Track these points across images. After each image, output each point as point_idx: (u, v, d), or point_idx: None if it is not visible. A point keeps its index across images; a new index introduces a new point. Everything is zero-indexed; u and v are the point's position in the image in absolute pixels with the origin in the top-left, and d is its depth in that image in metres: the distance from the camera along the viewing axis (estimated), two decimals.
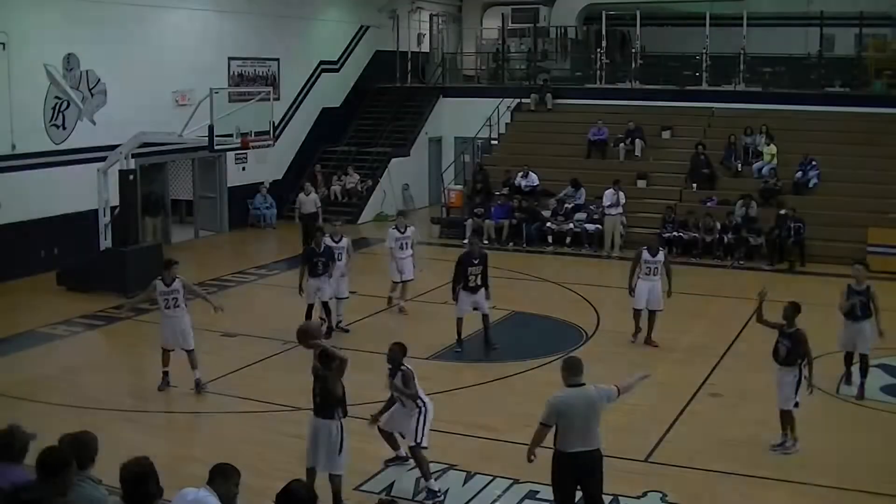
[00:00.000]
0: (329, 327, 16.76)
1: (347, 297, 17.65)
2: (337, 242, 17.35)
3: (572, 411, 9.09)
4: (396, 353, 11.20)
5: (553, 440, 9.24)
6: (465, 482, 11.16)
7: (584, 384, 9.21)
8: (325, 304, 16.88)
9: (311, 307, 16.80)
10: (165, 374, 14.44)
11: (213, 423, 13.12)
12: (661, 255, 16.97)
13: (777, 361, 12.18)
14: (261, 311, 19.31)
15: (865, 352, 14.36)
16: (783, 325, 12.23)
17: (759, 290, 12.76)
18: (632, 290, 16.80)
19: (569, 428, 9.10)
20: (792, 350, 12.04)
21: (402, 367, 11.11)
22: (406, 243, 18.78)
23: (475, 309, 16.48)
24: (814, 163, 26.08)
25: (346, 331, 17.35)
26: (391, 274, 18.84)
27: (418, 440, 10.84)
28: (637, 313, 16.84)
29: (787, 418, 12.04)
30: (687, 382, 14.73)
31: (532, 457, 9.35)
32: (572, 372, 9.26)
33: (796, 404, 11.92)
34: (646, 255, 16.79)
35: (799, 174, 26.05)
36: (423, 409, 10.97)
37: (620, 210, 25.21)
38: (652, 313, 16.77)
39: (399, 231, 18.80)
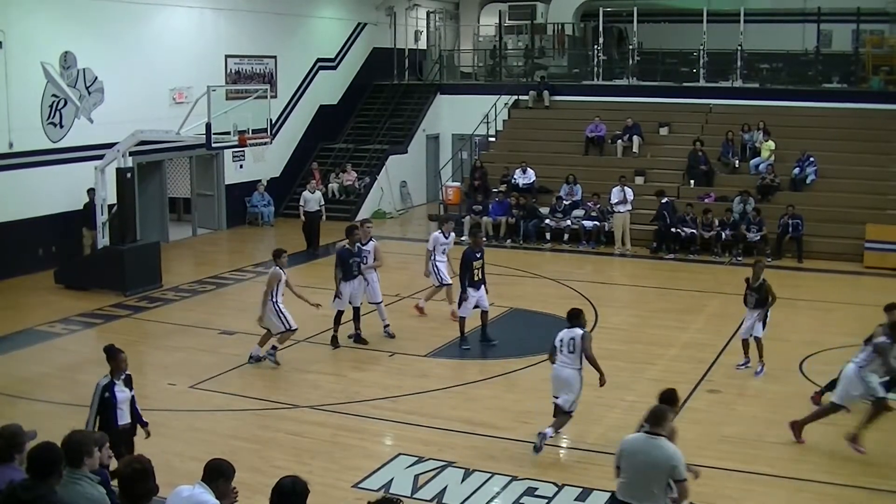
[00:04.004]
0: (357, 334, 16.59)
1: (381, 301, 17.17)
2: (364, 245, 16.78)
3: (631, 460, 8.31)
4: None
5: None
6: (463, 479, 11.14)
7: (656, 435, 8.23)
8: (356, 310, 16.48)
9: (341, 314, 16.44)
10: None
11: (210, 420, 13.11)
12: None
13: (747, 307, 15.04)
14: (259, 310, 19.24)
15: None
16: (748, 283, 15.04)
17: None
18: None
19: (623, 475, 8.40)
20: (759, 300, 14.87)
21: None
22: (447, 249, 18.30)
23: (475, 307, 16.45)
24: (811, 159, 26.08)
25: (392, 336, 16.94)
26: (433, 279, 18.27)
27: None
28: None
29: (746, 346, 15.05)
30: (685, 379, 14.72)
31: None
32: (648, 418, 8.38)
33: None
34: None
35: (796, 170, 26.05)
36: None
37: (629, 207, 25.20)
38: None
39: (444, 236, 18.26)
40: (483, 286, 16.45)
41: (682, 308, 19.49)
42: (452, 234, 18.69)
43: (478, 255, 16.38)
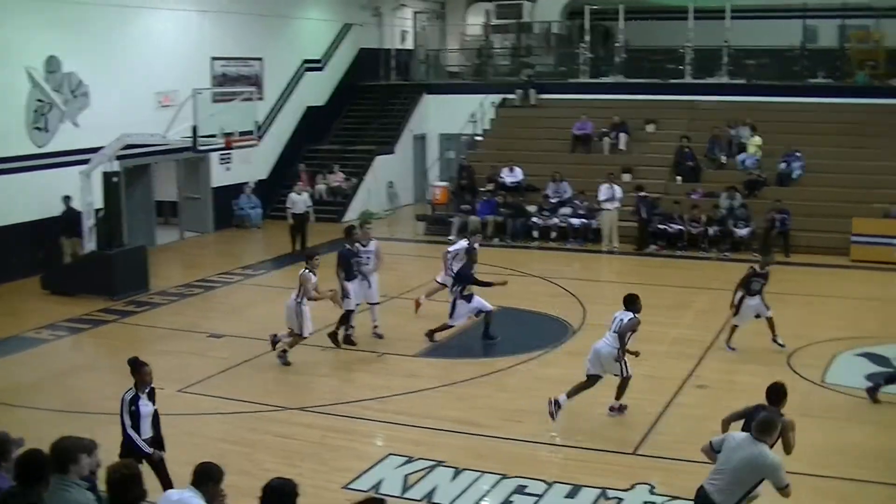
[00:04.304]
0: (347, 336, 16.50)
1: (379, 303, 17.16)
2: (365, 246, 16.71)
3: (726, 453, 8.48)
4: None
5: None
6: (453, 478, 11.14)
7: (759, 441, 8.30)
8: (349, 311, 16.34)
9: (350, 314, 16.36)
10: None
11: (199, 423, 13.08)
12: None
13: (748, 294, 15.75)
14: (247, 312, 19.25)
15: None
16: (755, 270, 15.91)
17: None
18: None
19: (718, 464, 8.58)
20: (763, 285, 15.79)
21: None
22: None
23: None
24: (798, 154, 26.17)
25: (381, 336, 16.86)
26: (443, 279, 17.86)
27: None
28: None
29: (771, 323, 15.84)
30: (673, 375, 14.76)
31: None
32: (755, 426, 8.45)
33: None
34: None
35: (783, 165, 26.13)
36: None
37: (617, 204, 25.22)
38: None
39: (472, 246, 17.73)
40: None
41: (671, 304, 19.48)
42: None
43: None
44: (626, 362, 12.76)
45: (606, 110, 29.46)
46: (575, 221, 25.75)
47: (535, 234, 26.03)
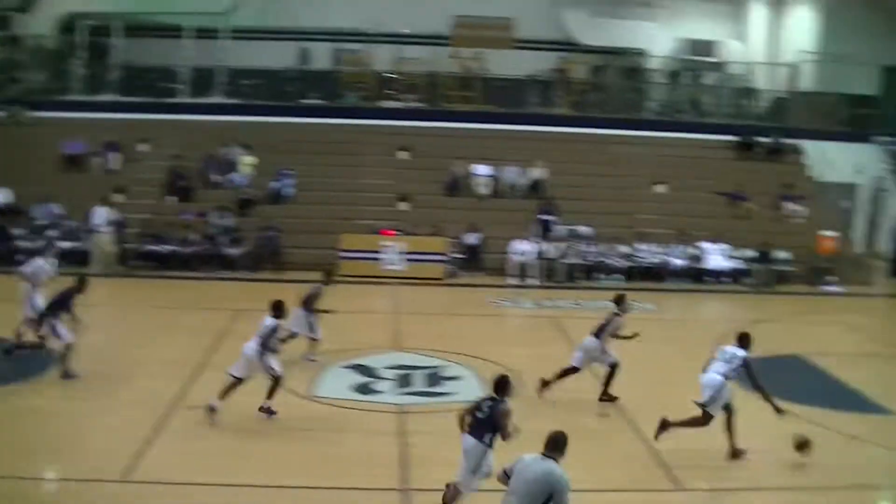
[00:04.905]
0: None
1: None
2: None
3: (516, 475, 8.87)
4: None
5: None
6: None
7: (547, 457, 8.79)
8: None
9: None
10: None
11: None
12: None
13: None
14: None
15: None
16: None
17: None
18: None
19: (509, 491, 8.93)
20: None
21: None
22: None
23: None
24: (290, 173, 26.79)
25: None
26: None
27: None
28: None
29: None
30: (163, 397, 14.33)
31: None
32: (546, 443, 8.93)
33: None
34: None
35: (275, 184, 26.61)
36: None
37: (113, 228, 24.34)
38: None
39: None
40: None
41: (161, 325, 19.11)
42: None
43: None
44: (272, 364, 13.39)
45: (102, 129, 28.38)
46: (65, 244, 24.49)
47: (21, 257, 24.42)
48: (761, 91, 34.96)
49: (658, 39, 35.94)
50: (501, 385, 10.66)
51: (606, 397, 15.18)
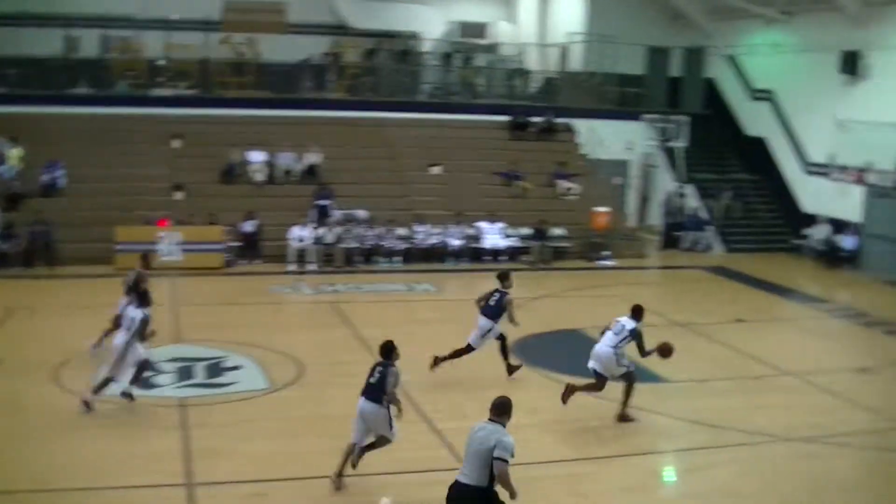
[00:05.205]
0: None
1: None
2: None
3: (469, 443, 9.52)
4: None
5: None
6: None
7: (495, 422, 9.49)
8: None
9: None
10: None
11: None
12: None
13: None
14: None
15: None
16: None
17: None
18: None
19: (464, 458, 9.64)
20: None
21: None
22: None
23: None
24: (60, 164, 26.16)
25: None
26: None
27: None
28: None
29: None
30: None
31: None
32: (491, 408, 9.62)
33: None
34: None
35: (45, 177, 25.96)
36: None
37: None
38: None
39: None
40: None
41: None
42: None
43: None
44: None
45: None
46: None
47: None
48: (533, 72, 36.42)
49: (430, 22, 36.93)
50: (388, 350, 11.68)
51: (513, 369, 16.31)
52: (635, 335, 14.17)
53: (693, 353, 18.02)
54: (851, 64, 28.36)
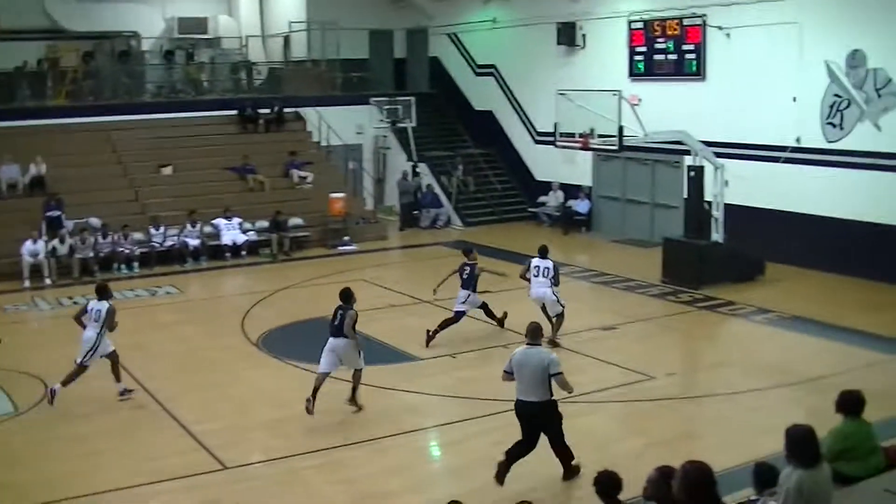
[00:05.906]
0: None
1: None
2: None
3: (518, 368, 11.55)
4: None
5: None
6: None
7: (534, 344, 11.68)
8: None
9: None
10: None
11: None
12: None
13: None
14: None
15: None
16: None
17: None
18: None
19: (518, 380, 11.60)
20: None
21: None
22: None
23: None
24: None
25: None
26: None
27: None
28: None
29: None
30: None
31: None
32: (528, 335, 11.79)
33: None
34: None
35: None
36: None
37: None
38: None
39: None
40: None
41: None
42: None
43: None
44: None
45: None
46: None
47: None
48: (257, 64, 36.59)
49: (149, 20, 36.45)
50: (346, 296, 14.28)
51: (498, 322, 18.65)
52: (555, 267, 17.62)
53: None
54: (568, 35, 30.19)
